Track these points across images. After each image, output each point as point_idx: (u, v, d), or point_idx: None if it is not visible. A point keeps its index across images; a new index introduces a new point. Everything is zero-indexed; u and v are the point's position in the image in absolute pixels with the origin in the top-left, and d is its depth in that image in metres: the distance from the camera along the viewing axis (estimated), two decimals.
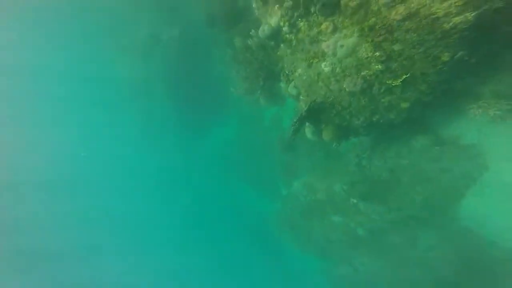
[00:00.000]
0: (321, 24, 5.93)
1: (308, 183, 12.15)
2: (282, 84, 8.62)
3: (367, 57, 5.47)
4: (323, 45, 6.16)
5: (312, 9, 5.89)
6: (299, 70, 7.27)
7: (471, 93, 5.61)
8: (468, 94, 5.66)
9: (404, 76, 5.16)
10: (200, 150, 18.65)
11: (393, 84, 5.38)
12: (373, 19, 5.01)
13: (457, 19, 4.28)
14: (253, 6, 7.26)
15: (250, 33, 8.12)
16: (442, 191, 7.46)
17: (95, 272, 23.23)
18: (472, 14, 4.19)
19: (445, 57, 4.71)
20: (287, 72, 8.00)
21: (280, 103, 10.51)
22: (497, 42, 4.70)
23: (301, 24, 6.41)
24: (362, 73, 5.74)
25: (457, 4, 4.17)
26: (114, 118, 20.51)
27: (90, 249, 23.24)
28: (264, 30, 7.26)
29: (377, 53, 5.27)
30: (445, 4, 4.23)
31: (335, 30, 5.82)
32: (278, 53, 8.04)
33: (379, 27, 5.00)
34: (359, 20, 5.24)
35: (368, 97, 6.07)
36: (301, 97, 7.80)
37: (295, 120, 7.05)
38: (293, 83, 7.86)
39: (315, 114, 7.22)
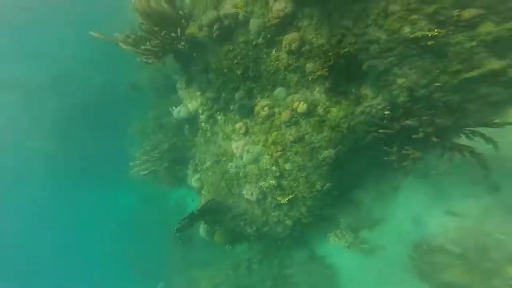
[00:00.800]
0: (236, 123, 6.19)
1: (192, 279, 10.26)
2: (189, 172, 8.24)
3: (266, 169, 5.67)
4: (234, 145, 6.27)
5: (232, 106, 6.15)
6: (208, 164, 7.13)
7: (333, 221, 5.95)
8: (332, 221, 5.97)
9: (290, 196, 5.31)
10: (99, 205, 17.12)
11: (281, 202, 5.45)
12: (275, 133, 5.39)
13: (326, 153, 4.81)
14: (177, 86, 7.29)
15: (170, 109, 7.72)
16: None
17: None
18: (333, 151, 4.74)
19: (318, 185, 5.07)
20: (196, 162, 7.77)
21: (188, 188, 9.80)
22: (347, 180, 5.32)
23: (219, 117, 6.60)
24: (260, 184, 5.82)
25: (325, 138, 4.75)
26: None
27: None
28: (180, 111, 7.09)
29: (274, 168, 5.50)
30: (319, 136, 4.80)
31: (246, 133, 6.09)
32: (195, 138, 7.90)
33: (278, 143, 5.36)
34: (265, 130, 5.61)
35: (262, 208, 5.97)
36: (203, 192, 7.39)
37: (184, 217, 6.38)
38: (198, 175, 7.52)
39: (211, 214, 6.73)
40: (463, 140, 3.70)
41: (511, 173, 3.80)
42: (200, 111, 6.79)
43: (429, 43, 3.74)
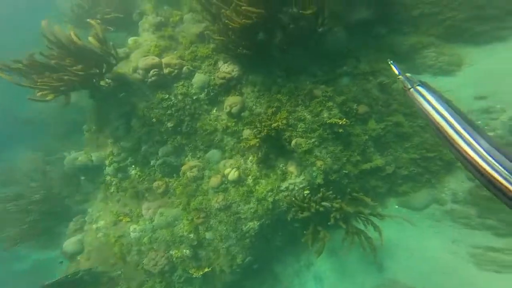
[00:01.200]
0: (155, 180, 5.37)
1: None
2: (68, 231, 6.24)
3: (181, 236, 4.94)
4: (144, 205, 5.33)
5: (153, 162, 5.43)
6: (101, 223, 5.67)
7: None
8: None
9: (206, 269, 4.70)
10: None
11: (194, 275, 4.71)
12: (200, 198, 4.94)
13: (251, 224, 4.62)
14: (84, 127, 6.06)
15: (65, 153, 6.30)
16: None
17: None
18: (257, 223, 4.58)
19: (239, 259, 4.74)
20: (85, 220, 6.07)
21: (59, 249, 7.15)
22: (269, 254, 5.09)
23: (133, 172, 5.60)
24: (170, 252, 4.95)
25: (251, 210, 4.59)
26: None
27: None
28: (76, 159, 5.70)
29: (191, 235, 4.86)
30: (246, 207, 4.64)
31: (165, 193, 5.33)
32: (93, 192, 6.37)
33: (201, 209, 4.89)
34: (189, 193, 5.08)
35: (166, 282, 4.96)
36: (79, 258, 5.63)
37: None
38: (81, 235, 5.80)
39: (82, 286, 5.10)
40: (361, 226, 4.36)
41: (391, 256, 4.66)
42: (107, 162, 5.67)
43: (340, 130, 4.49)
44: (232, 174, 4.68)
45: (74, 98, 6.64)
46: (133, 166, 5.63)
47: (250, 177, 4.74)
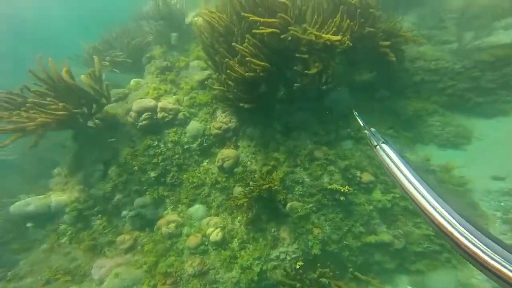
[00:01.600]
0: (121, 233, 4.68)
1: None
2: None
3: None
4: (97, 262, 4.50)
5: (124, 213, 4.84)
6: (27, 281, 4.66)
7: None
8: None
9: None
10: None
11: None
12: (172, 259, 4.22)
13: None
14: (54, 171, 5.57)
15: (18, 197, 5.59)
16: None
17: None
18: None
19: None
20: (8, 274, 5.02)
21: None
22: None
23: (98, 221, 4.95)
24: None
25: (233, 279, 3.89)
26: None
27: None
28: (29, 205, 4.96)
29: None
30: (227, 276, 3.94)
31: (130, 249, 4.61)
32: (37, 240, 5.35)
33: (170, 273, 4.12)
34: (160, 251, 4.37)
35: None
36: None
37: None
38: None
39: None
40: None
41: None
42: (68, 208, 5.03)
43: (341, 198, 4.05)
44: (215, 235, 4.05)
45: (60, 138, 6.28)
46: (99, 215, 4.96)
47: (235, 239, 4.10)
